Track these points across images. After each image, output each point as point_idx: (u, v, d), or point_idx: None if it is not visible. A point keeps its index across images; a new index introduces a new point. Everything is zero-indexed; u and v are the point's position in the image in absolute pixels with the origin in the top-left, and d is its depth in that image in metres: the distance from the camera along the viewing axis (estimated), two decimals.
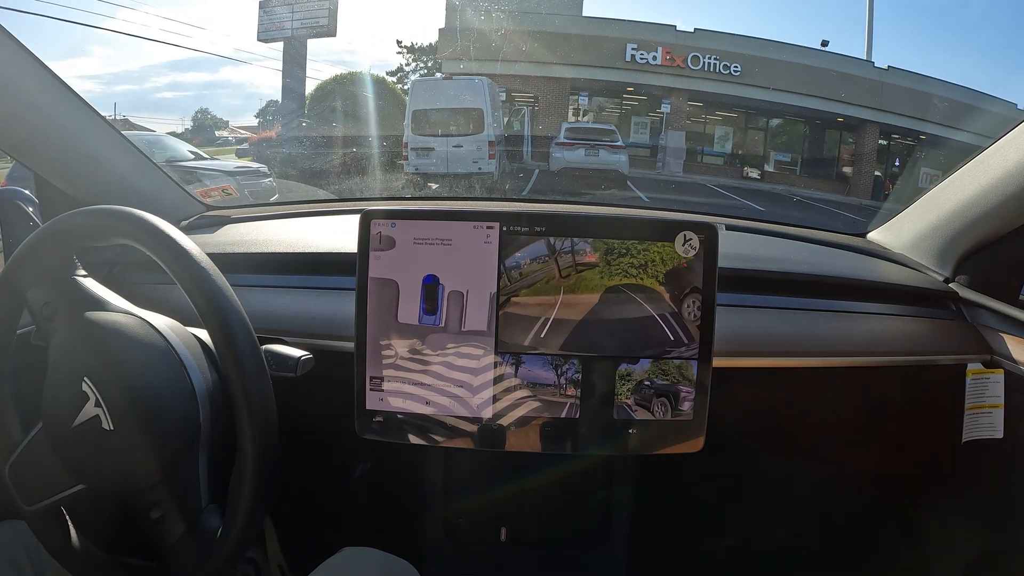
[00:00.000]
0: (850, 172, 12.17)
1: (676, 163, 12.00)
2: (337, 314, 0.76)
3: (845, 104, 11.52)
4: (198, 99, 18.89)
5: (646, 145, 12.53)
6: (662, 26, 12.15)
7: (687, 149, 12.41)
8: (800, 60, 11.43)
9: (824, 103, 11.58)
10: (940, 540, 0.92)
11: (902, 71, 11.52)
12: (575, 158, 8.28)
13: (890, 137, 12.24)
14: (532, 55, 11.17)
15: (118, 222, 0.54)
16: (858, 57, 11.75)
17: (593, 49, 11.62)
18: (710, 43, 11.74)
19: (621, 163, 8.35)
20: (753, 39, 11.90)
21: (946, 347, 0.80)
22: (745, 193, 9.89)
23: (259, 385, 0.52)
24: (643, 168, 11.38)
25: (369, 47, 21.90)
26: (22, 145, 0.78)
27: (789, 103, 11.84)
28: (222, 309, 0.51)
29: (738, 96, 11.96)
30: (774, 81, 11.44)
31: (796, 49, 11.66)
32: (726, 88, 11.86)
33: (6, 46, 0.68)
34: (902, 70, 11.54)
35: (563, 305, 0.61)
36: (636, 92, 12.81)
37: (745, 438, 0.86)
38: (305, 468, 0.89)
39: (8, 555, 0.63)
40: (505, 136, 8.97)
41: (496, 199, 2.68)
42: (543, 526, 1.00)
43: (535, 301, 0.61)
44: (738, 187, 10.42)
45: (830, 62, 11.55)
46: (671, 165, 11.91)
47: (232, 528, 0.51)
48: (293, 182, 7.58)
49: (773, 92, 11.58)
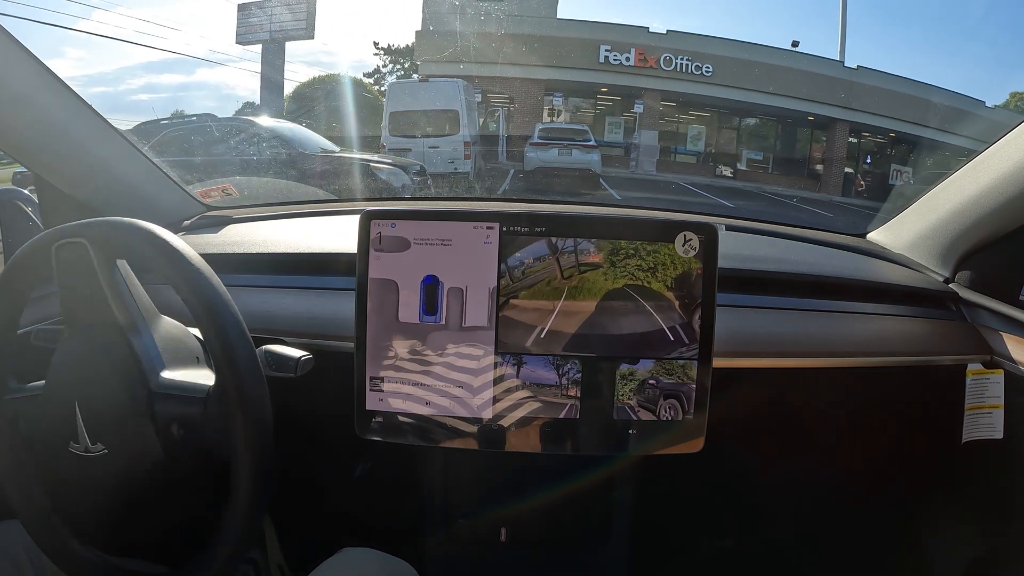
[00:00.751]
0: (821, 169, 12.47)
1: (649, 162, 12.22)
2: (337, 314, 0.76)
3: (815, 103, 11.81)
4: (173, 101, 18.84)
5: (620, 144, 12.74)
6: (635, 28, 12.46)
7: (660, 148, 12.68)
8: (771, 60, 11.72)
9: (795, 102, 11.87)
10: (940, 540, 0.92)
11: (871, 70, 11.81)
12: (549, 158, 8.52)
13: (860, 135, 12.53)
14: (507, 57, 11.39)
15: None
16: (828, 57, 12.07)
17: (567, 51, 11.85)
18: (682, 44, 12.03)
19: (593, 162, 8.63)
20: (725, 40, 12.19)
21: (946, 347, 0.80)
22: (717, 191, 10.04)
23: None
24: (617, 167, 11.60)
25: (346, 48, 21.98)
26: (23, 147, 0.78)
27: (761, 102, 12.11)
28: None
29: (710, 96, 12.27)
30: (746, 81, 11.73)
31: (767, 50, 11.97)
32: (698, 88, 12.15)
33: (6, 47, 0.68)
34: (871, 69, 11.85)
35: (564, 305, 0.61)
36: (610, 92, 13.07)
37: (745, 439, 0.85)
38: (305, 468, 0.89)
39: (8, 555, 0.63)
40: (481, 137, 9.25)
41: (496, 199, 2.69)
42: (543, 526, 0.99)
43: (535, 301, 0.61)
44: (710, 185, 10.61)
45: (800, 62, 11.87)
46: (644, 164, 12.13)
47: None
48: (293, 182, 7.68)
49: (745, 92, 11.88)
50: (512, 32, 11.49)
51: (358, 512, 0.98)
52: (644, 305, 0.61)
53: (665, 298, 0.61)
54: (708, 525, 1.04)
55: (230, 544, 0.52)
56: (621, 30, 12.33)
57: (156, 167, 0.96)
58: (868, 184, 12.04)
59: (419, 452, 0.95)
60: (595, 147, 8.92)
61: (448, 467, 0.98)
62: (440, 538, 1.00)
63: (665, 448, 0.63)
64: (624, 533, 1.00)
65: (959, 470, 0.87)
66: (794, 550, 1.01)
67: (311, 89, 11.07)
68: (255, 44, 10.76)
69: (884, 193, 10.84)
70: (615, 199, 8.19)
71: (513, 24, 11.70)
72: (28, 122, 0.74)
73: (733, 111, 13.18)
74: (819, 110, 11.93)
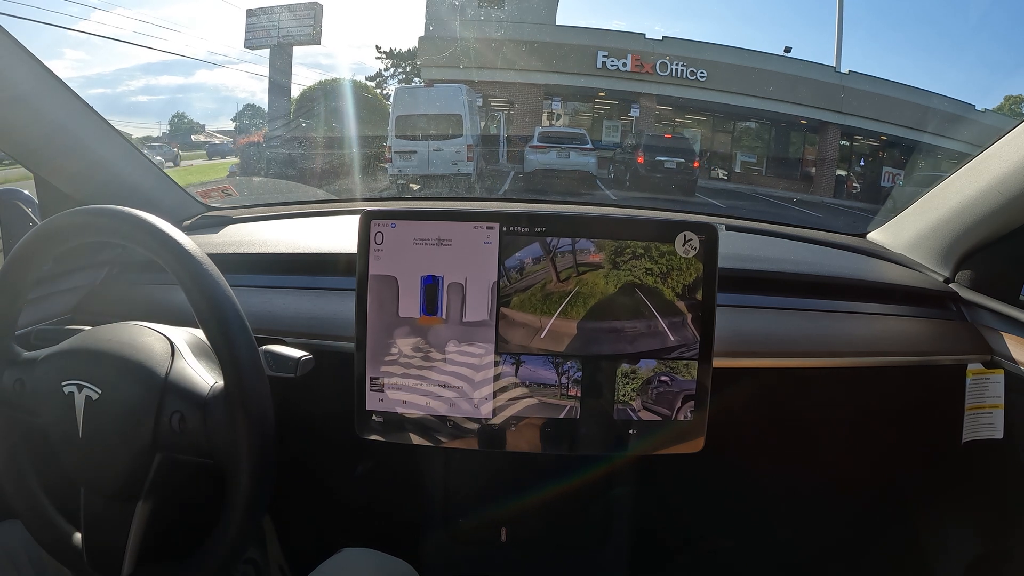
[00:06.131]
0: (814, 172, 12.67)
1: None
2: (337, 314, 0.76)
3: (808, 107, 12.06)
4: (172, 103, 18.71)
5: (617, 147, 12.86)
6: (632, 34, 12.65)
7: None
8: (764, 66, 11.93)
9: (787, 106, 12.09)
10: (940, 540, 0.92)
11: (862, 75, 12.01)
12: (547, 160, 8.89)
13: (852, 138, 12.72)
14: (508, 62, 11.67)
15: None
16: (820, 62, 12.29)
17: (566, 56, 12.08)
18: (678, 50, 12.27)
19: (590, 164, 9.03)
20: (719, 46, 12.41)
21: (946, 347, 0.80)
22: (711, 192, 10.23)
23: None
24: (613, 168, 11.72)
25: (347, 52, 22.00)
26: (24, 147, 0.78)
27: (754, 107, 12.36)
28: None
29: (705, 100, 12.55)
30: (739, 86, 11.94)
31: (760, 55, 12.20)
32: (693, 93, 12.41)
33: (7, 48, 0.68)
34: (862, 74, 12.06)
35: (564, 305, 0.61)
36: (607, 97, 13.28)
37: (745, 439, 0.85)
38: (305, 468, 0.89)
39: (8, 555, 0.63)
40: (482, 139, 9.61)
41: (496, 199, 2.69)
42: (543, 526, 0.99)
43: (536, 301, 0.61)
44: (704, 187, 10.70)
45: (793, 67, 12.08)
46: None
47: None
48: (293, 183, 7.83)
49: (739, 96, 12.10)
50: (512, 37, 11.75)
51: (358, 512, 0.98)
52: (644, 305, 0.61)
53: (665, 298, 0.61)
54: (708, 525, 1.04)
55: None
56: (618, 36, 12.57)
57: (156, 167, 0.96)
58: (860, 186, 12.27)
59: (419, 452, 0.95)
60: (592, 150, 9.25)
61: (448, 467, 0.98)
62: (440, 538, 1.00)
63: (665, 448, 0.63)
64: (624, 533, 1.00)
65: (959, 470, 0.87)
66: (794, 549, 1.01)
67: (317, 91, 11.21)
68: (263, 49, 10.97)
69: (876, 195, 11.08)
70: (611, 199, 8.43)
71: (513, 30, 11.96)
72: (28, 122, 0.74)
73: (727, 115, 13.40)
74: (811, 114, 12.17)
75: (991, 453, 0.79)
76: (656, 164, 9.10)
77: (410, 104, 8.17)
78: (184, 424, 0.53)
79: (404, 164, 7.76)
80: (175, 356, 0.56)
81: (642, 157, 9.18)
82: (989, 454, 0.79)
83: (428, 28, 12.33)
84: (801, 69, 12.01)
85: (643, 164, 9.13)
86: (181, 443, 0.53)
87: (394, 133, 7.90)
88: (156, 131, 13.41)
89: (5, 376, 0.57)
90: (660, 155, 9.18)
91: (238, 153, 10.86)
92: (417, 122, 8.00)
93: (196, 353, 0.58)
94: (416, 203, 1.68)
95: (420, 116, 8.08)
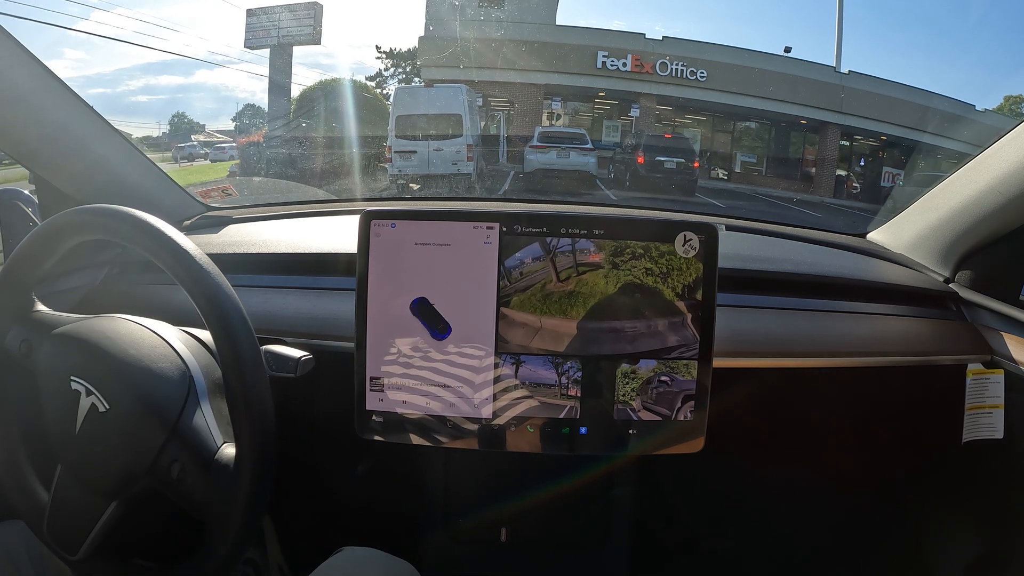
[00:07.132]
0: (814, 172, 12.71)
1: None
2: (337, 314, 0.76)
3: (808, 107, 12.09)
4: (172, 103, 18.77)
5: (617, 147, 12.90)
6: (631, 34, 12.69)
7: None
8: (764, 66, 11.97)
9: (787, 106, 12.13)
10: (940, 540, 0.92)
11: (862, 75, 12.05)
12: (547, 160, 8.91)
13: (852, 138, 12.75)
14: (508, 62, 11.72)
15: (117, 222, 0.54)
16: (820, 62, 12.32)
17: (566, 56, 12.12)
18: (677, 50, 12.32)
19: (589, 164, 9.04)
20: (719, 46, 12.44)
21: (946, 347, 0.80)
22: (711, 192, 10.24)
23: (256, 379, 0.51)
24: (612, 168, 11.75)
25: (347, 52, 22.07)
26: (24, 147, 0.78)
27: (754, 107, 12.39)
28: (221, 305, 0.51)
29: (705, 100, 12.58)
30: (739, 86, 11.98)
31: (760, 55, 12.24)
32: (693, 93, 12.45)
33: (7, 48, 0.68)
34: (862, 74, 12.10)
35: (563, 305, 0.61)
36: (607, 97, 13.32)
37: (745, 439, 0.85)
38: (305, 468, 0.89)
39: (8, 555, 0.63)
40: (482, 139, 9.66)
41: (496, 199, 2.69)
42: (543, 526, 0.99)
43: (536, 301, 0.61)
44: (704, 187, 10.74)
45: (793, 67, 12.13)
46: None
47: (231, 527, 0.51)
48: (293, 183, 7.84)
49: (739, 96, 12.13)
50: (512, 37, 11.79)
51: (358, 512, 0.98)
52: (644, 305, 0.61)
53: (665, 298, 0.61)
54: (708, 525, 1.04)
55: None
56: (618, 36, 12.61)
57: (156, 168, 0.96)
58: (860, 186, 12.30)
59: (419, 452, 0.95)
60: (591, 150, 9.26)
61: (448, 467, 0.98)
62: (440, 538, 1.00)
63: (665, 448, 0.63)
64: (624, 533, 1.00)
65: (959, 470, 0.87)
66: (794, 549, 1.01)
67: (317, 91, 11.25)
68: (263, 49, 11.00)
69: (875, 195, 11.12)
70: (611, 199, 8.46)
71: (513, 30, 12.00)
72: (28, 122, 0.74)
73: (727, 115, 13.42)
74: (811, 114, 12.20)
75: (991, 453, 0.79)
76: (656, 164, 9.13)
77: (410, 104, 8.20)
78: (182, 476, 0.52)
79: (404, 164, 7.79)
80: (189, 398, 0.54)
81: (642, 157, 9.20)
82: (989, 454, 0.79)
83: (428, 28, 12.40)
84: (801, 69, 12.05)
85: (643, 164, 9.15)
86: (172, 489, 0.53)
87: (394, 133, 7.92)
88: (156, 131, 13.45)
89: (11, 335, 0.58)
90: (660, 155, 9.20)
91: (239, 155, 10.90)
92: (417, 122, 8.03)
93: (211, 394, 0.57)
94: (416, 203, 1.68)
95: (420, 116, 8.11)
